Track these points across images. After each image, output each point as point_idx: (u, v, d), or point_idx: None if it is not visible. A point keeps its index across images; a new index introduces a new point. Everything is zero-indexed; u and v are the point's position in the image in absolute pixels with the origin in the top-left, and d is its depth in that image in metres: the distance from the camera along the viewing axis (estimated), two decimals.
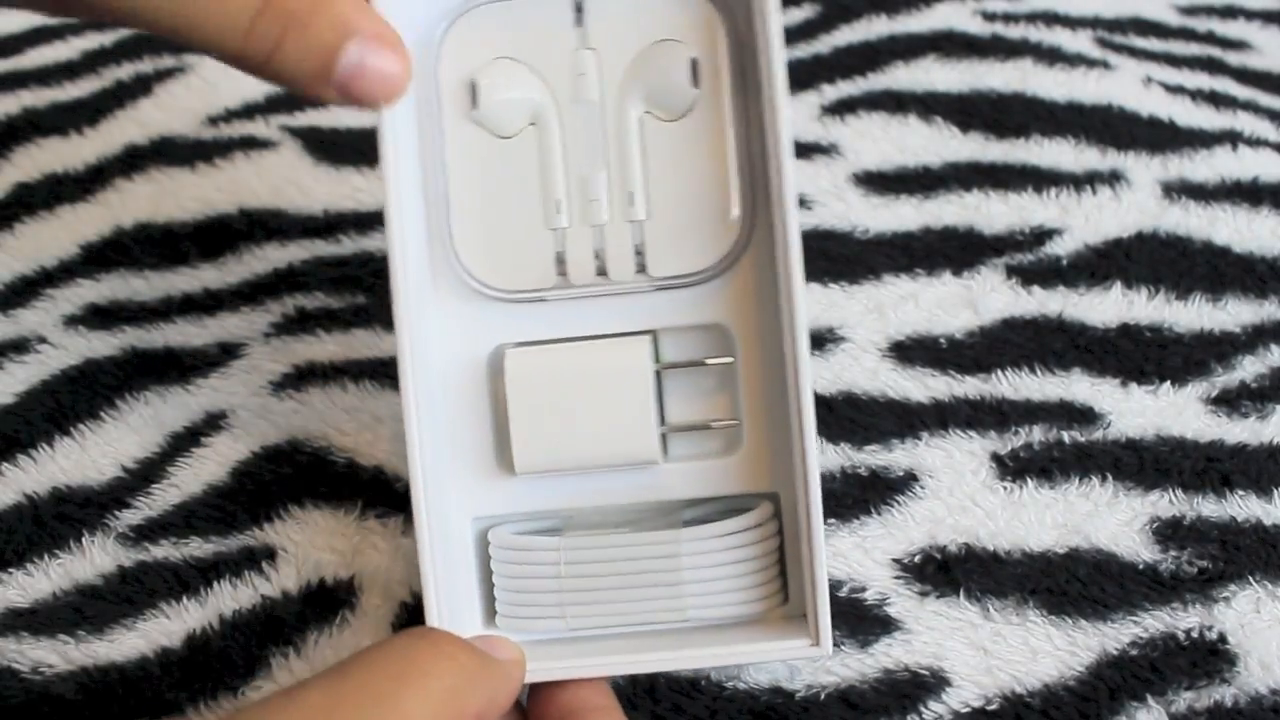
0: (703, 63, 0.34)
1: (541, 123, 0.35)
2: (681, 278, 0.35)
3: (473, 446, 0.36)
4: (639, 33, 0.34)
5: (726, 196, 0.34)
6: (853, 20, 0.55)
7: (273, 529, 0.42)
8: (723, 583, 0.34)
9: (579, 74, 0.34)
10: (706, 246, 0.34)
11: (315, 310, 0.47)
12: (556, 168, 0.35)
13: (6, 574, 0.41)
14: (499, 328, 0.36)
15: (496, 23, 0.35)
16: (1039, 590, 0.40)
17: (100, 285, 0.48)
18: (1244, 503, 0.41)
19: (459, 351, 0.36)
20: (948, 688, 0.38)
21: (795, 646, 0.33)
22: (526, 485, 0.36)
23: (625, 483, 0.35)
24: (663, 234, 0.34)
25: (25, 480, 0.43)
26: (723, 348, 0.35)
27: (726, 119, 0.34)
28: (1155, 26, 0.57)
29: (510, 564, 0.35)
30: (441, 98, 0.35)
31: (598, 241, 0.35)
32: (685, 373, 0.36)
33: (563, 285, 0.35)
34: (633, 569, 0.34)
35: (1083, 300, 0.46)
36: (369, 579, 0.41)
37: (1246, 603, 0.39)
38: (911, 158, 0.50)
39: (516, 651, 0.33)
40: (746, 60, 0.34)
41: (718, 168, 0.34)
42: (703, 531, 0.35)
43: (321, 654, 0.39)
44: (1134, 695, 0.38)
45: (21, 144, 0.54)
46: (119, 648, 0.40)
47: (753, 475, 0.35)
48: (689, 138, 0.34)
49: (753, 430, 0.35)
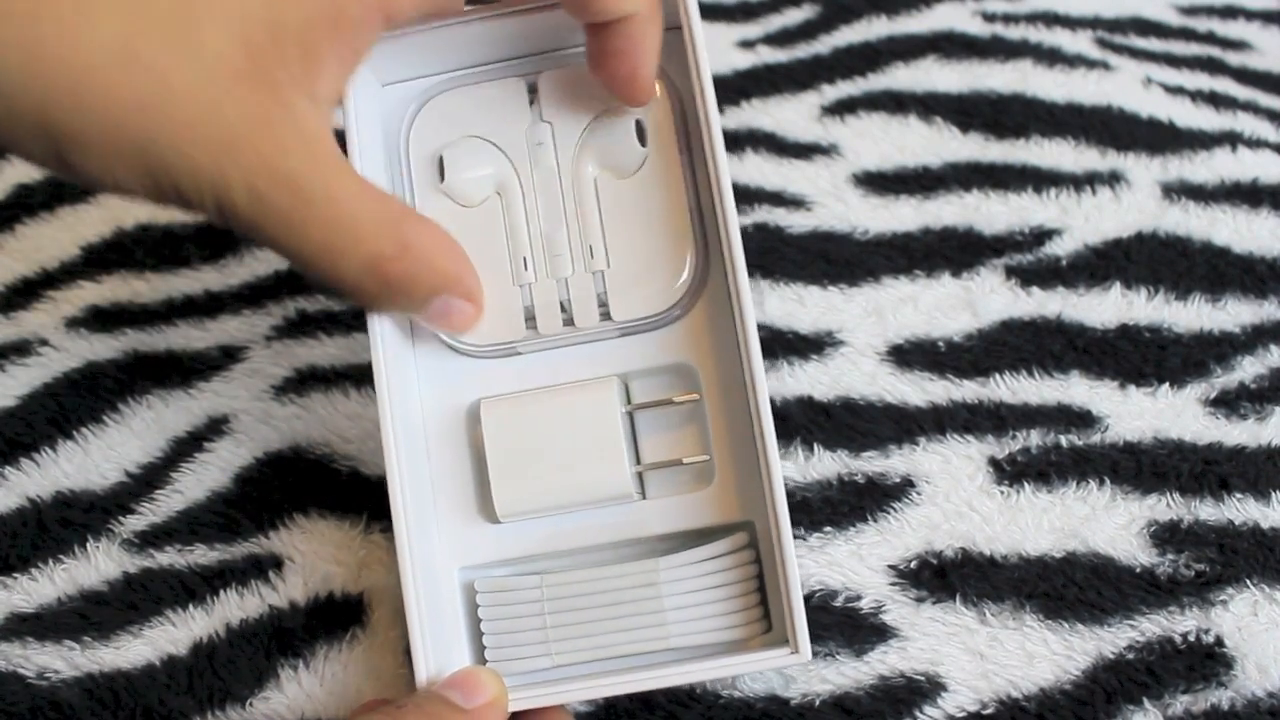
0: (648, 124, 0.37)
1: (505, 192, 0.38)
2: (644, 320, 0.37)
3: (456, 498, 0.37)
4: (589, 103, 0.37)
5: (680, 243, 0.37)
6: (853, 20, 0.55)
7: (278, 537, 0.42)
8: (703, 608, 0.35)
9: (537, 143, 0.37)
10: (665, 290, 0.36)
11: (316, 313, 0.47)
12: (521, 229, 0.37)
13: (11, 578, 0.42)
14: (475, 382, 0.38)
15: (459, 105, 0.38)
16: (1036, 594, 0.40)
17: (101, 287, 0.49)
18: (1242, 506, 0.41)
19: (438, 407, 0.38)
20: (943, 693, 0.38)
21: (774, 656, 0.33)
22: (509, 532, 0.37)
23: (605, 522, 0.37)
24: (623, 281, 0.37)
25: (28, 484, 0.44)
26: (689, 386, 0.37)
27: (674, 172, 0.37)
28: (1155, 27, 0.56)
29: (495, 606, 0.36)
30: (412, 172, 0.38)
31: (563, 293, 0.37)
32: (655, 412, 0.37)
33: (533, 336, 0.37)
34: (614, 599, 0.35)
35: (1082, 301, 0.46)
36: (377, 596, 0.41)
37: (1244, 606, 0.39)
38: (911, 158, 0.50)
39: (495, 689, 0.34)
40: (689, 119, 0.37)
41: (670, 217, 0.37)
42: (679, 559, 0.36)
43: (331, 668, 0.40)
44: (1131, 699, 0.38)
45: None
46: (125, 655, 0.40)
47: (726, 506, 0.36)
48: (642, 191, 0.37)
49: (722, 463, 0.36)
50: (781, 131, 0.52)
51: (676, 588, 0.35)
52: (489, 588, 0.37)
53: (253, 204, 0.30)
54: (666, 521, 0.36)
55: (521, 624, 0.36)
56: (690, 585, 0.35)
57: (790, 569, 0.33)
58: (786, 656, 0.33)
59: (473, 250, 0.36)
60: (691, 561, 0.36)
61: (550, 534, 0.37)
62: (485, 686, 0.34)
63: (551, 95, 0.37)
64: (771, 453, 0.34)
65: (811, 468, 0.42)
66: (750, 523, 0.36)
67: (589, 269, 0.37)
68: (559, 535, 0.37)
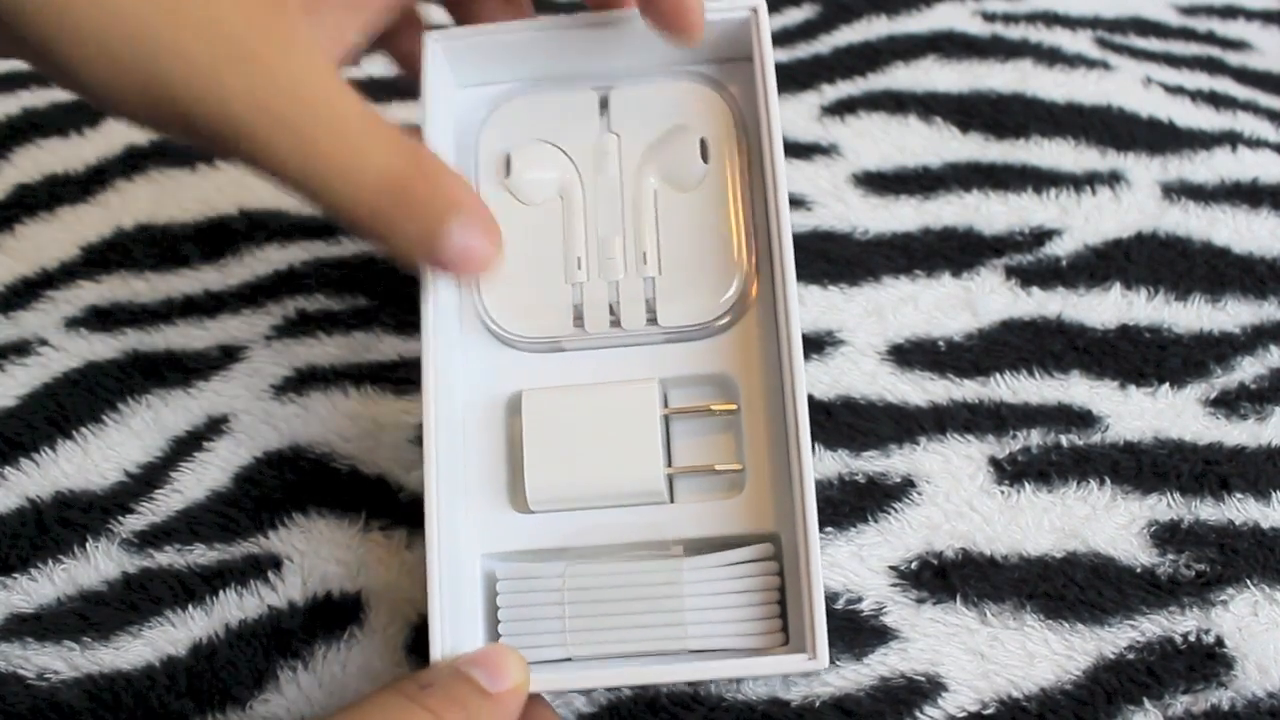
0: (711, 142, 0.38)
1: (567, 195, 0.39)
2: (689, 329, 0.37)
3: (487, 485, 0.37)
4: (657, 119, 0.39)
5: (731, 258, 0.37)
6: (853, 20, 0.55)
7: (277, 537, 0.42)
8: (723, 613, 0.35)
9: (602, 154, 0.39)
10: (712, 301, 0.37)
11: (316, 312, 0.47)
12: (578, 231, 0.38)
13: (11, 579, 0.42)
14: (519, 373, 0.38)
15: (532, 109, 0.40)
16: (1036, 595, 0.40)
17: (101, 287, 0.48)
18: (1242, 506, 0.41)
19: (480, 394, 0.38)
20: (944, 693, 0.38)
21: (791, 660, 0.33)
22: (536, 523, 0.37)
23: (631, 521, 0.37)
24: (673, 289, 0.37)
25: (28, 484, 0.44)
26: (728, 396, 0.38)
27: (732, 190, 0.38)
28: (1155, 26, 0.56)
29: (514, 593, 0.36)
30: (479, 167, 0.39)
31: (612, 295, 0.38)
32: (691, 418, 0.38)
33: (579, 334, 0.38)
34: (635, 595, 0.35)
35: (1082, 301, 0.46)
36: (376, 595, 0.41)
37: (1244, 606, 0.39)
38: (911, 158, 0.50)
39: (519, 675, 0.33)
40: (750, 138, 0.38)
41: (724, 233, 0.38)
42: (704, 561, 0.36)
43: (330, 669, 0.40)
44: (1131, 699, 0.38)
45: (21, 144, 0.53)
46: (125, 655, 0.40)
47: (755, 516, 0.36)
48: (699, 206, 0.38)
49: (755, 474, 0.37)
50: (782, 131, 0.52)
51: (698, 589, 0.35)
52: (511, 574, 0.36)
53: (255, 115, 0.28)
54: (694, 526, 0.36)
55: (540, 612, 0.36)
56: (712, 589, 0.35)
57: (814, 571, 0.33)
58: (804, 662, 0.33)
59: (528, 245, 0.38)
60: (715, 565, 0.36)
61: (577, 529, 0.37)
62: (509, 670, 0.33)
63: (621, 109, 0.39)
64: (806, 464, 0.34)
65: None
66: (777, 535, 0.36)
67: (640, 274, 0.38)
68: (585, 531, 0.37)
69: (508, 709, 0.33)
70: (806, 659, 0.33)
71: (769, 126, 0.37)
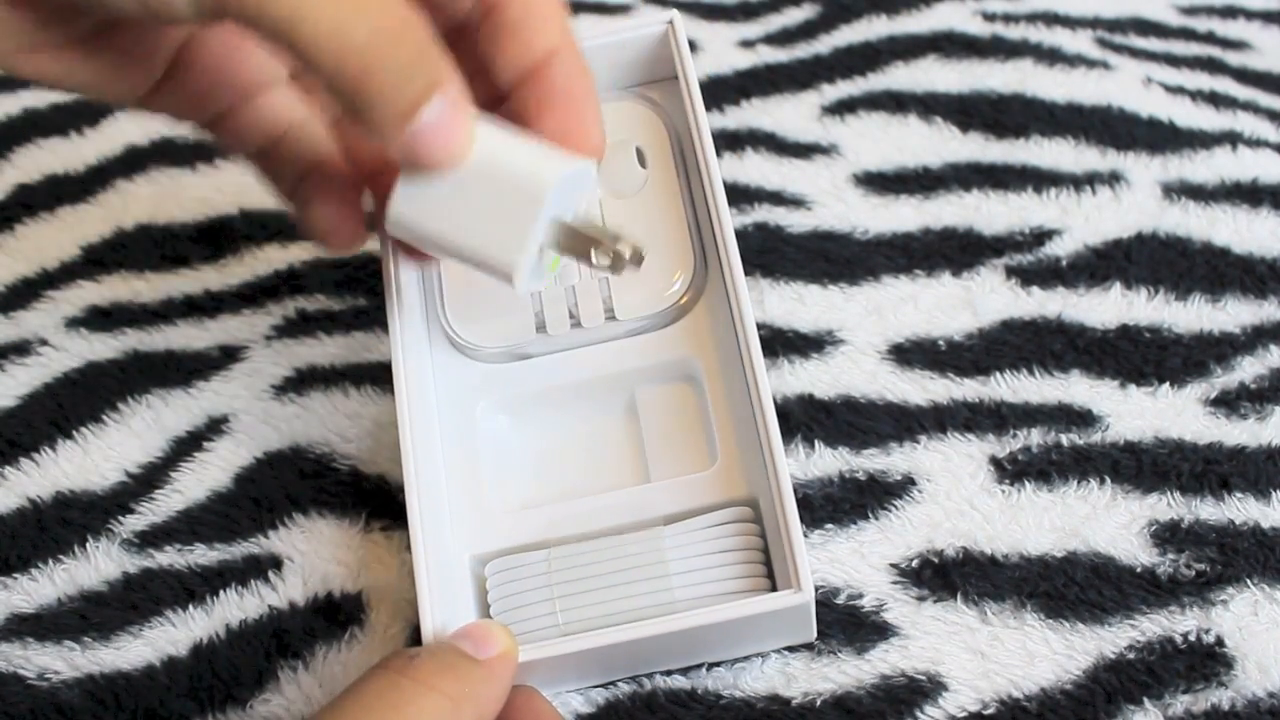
0: (647, 150, 0.41)
1: None
2: (646, 318, 0.39)
3: (466, 490, 0.39)
4: None
5: (679, 250, 0.40)
6: (853, 20, 0.55)
7: (277, 537, 0.42)
8: (708, 572, 0.36)
9: None
10: (665, 291, 0.40)
11: (316, 312, 0.47)
12: None
13: (11, 579, 0.42)
14: (488, 383, 0.40)
15: None
16: (1036, 594, 0.40)
17: (101, 287, 0.49)
18: (1242, 505, 0.41)
19: (451, 407, 0.40)
20: (944, 692, 0.38)
21: (778, 596, 0.34)
22: (518, 520, 0.38)
23: (612, 505, 0.38)
24: (626, 284, 0.40)
25: (28, 484, 0.44)
26: (692, 379, 0.39)
27: (672, 189, 0.41)
28: (1155, 26, 0.56)
29: (504, 582, 0.37)
30: None
31: (570, 300, 0.40)
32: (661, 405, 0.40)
33: (542, 339, 0.39)
34: (620, 566, 0.36)
35: (1082, 301, 0.46)
36: (376, 595, 0.41)
37: (1244, 606, 0.39)
38: (911, 158, 0.50)
39: (506, 641, 0.33)
40: (684, 145, 0.42)
41: (669, 228, 0.40)
42: (685, 525, 0.37)
43: (330, 670, 0.40)
44: (1131, 699, 0.38)
45: (21, 144, 0.54)
46: (125, 655, 0.40)
47: (730, 484, 0.37)
48: (643, 209, 0.41)
49: (726, 446, 0.38)
50: (781, 131, 0.52)
51: (682, 551, 0.36)
52: (498, 567, 0.37)
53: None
54: (672, 503, 0.38)
55: (529, 597, 0.36)
56: (696, 550, 0.36)
57: (789, 506, 0.34)
58: (791, 596, 0.34)
59: None
60: (697, 528, 0.37)
61: (558, 520, 0.38)
62: (496, 638, 0.33)
63: None
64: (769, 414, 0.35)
65: (813, 464, 0.42)
66: (755, 500, 0.37)
67: (595, 276, 0.40)
68: (567, 521, 0.38)
69: (497, 674, 0.33)
70: (793, 593, 0.34)
71: (696, 123, 0.39)
